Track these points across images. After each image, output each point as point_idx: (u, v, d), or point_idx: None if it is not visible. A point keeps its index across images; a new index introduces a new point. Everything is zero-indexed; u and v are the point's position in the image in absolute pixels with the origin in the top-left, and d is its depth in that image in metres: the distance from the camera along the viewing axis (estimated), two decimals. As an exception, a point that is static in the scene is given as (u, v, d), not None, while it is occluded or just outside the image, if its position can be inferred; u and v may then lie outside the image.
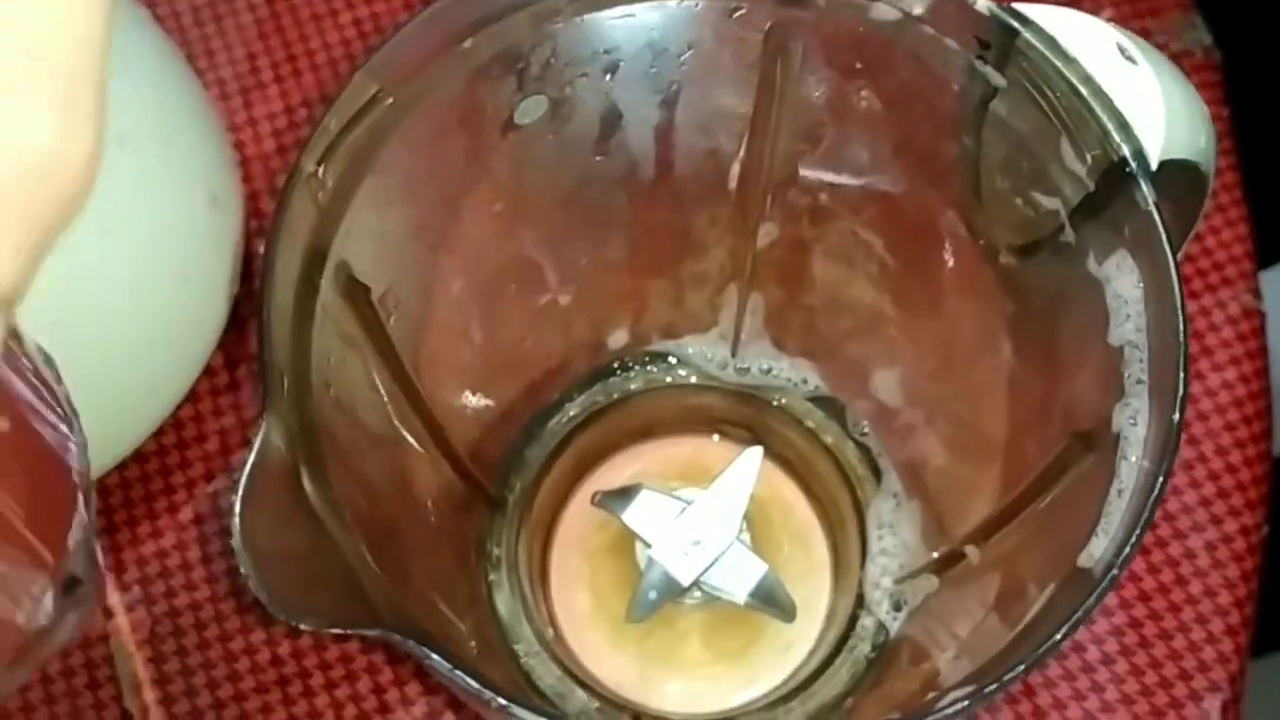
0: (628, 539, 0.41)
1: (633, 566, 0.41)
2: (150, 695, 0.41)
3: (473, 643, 0.36)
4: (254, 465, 0.27)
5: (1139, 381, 0.29)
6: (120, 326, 0.37)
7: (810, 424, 0.43)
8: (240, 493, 0.26)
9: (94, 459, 0.39)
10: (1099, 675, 0.42)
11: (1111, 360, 0.30)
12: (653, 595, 0.39)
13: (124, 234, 0.36)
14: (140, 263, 0.36)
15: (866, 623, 0.41)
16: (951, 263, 0.37)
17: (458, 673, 0.26)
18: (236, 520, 0.26)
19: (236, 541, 0.26)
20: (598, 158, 0.37)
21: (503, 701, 0.26)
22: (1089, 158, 0.30)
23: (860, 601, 0.41)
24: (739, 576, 0.40)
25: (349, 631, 0.26)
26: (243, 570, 0.26)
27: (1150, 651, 0.42)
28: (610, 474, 0.43)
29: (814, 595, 0.42)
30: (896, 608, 0.40)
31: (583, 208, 0.38)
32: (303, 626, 0.26)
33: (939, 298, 0.38)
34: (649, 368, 0.44)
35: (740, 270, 0.41)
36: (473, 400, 0.41)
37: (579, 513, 0.43)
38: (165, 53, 0.39)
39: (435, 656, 0.26)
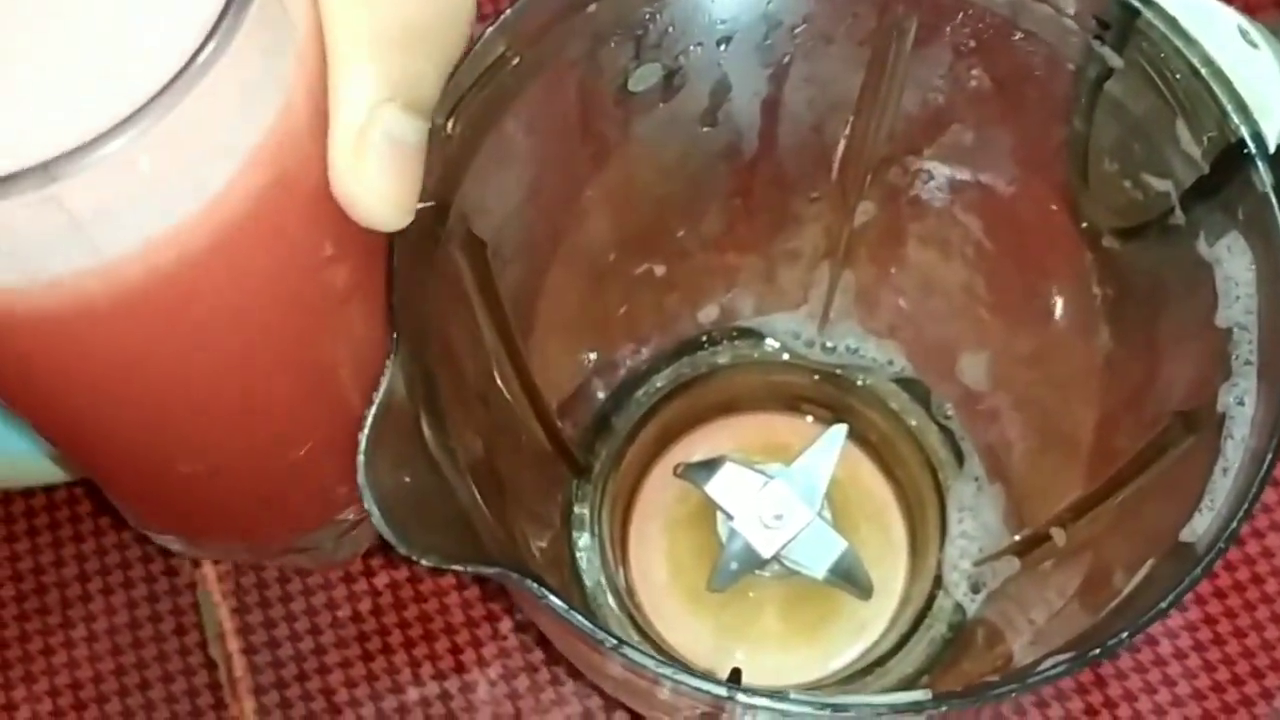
0: (707, 511, 0.41)
1: (711, 538, 0.41)
2: (234, 644, 0.42)
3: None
4: (380, 406, 0.27)
5: (1247, 362, 0.30)
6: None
7: (894, 406, 0.43)
8: (366, 431, 0.27)
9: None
10: (1171, 669, 0.42)
11: (1218, 342, 0.30)
12: (734, 566, 0.40)
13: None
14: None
15: (944, 603, 0.41)
16: (1051, 246, 0.37)
17: (573, 613, 0.26)
18: (362, 458, 0.27)
19: (362, 478, 0.27)
20: (704, 129, 0.37)
21: (614, 642, 0.26)
22: (1205, 139, 0.30)
23: (938, 582, 0.41)
24: (819, 552, 0.40)
25: (467, 569, 0.26)
26: (367, 505, 0.26)
27: (1223, 648, 0.42)
28: (693, 446, 0.44)
29: (890, 576, 0.42)
30: (975, 589, 0.40)
31: (685, 180, 0.39)
32: (424, 562, 0.26)
33: (1036, 281, 0.38)
34: (736, 343, 0.44)
35: (834, 248, 0.41)
36: (567, 364, 0.41)
37: (660, 483, 0.44)
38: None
39: (551, 596, 0.26)
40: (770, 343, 0.44)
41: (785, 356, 0.44)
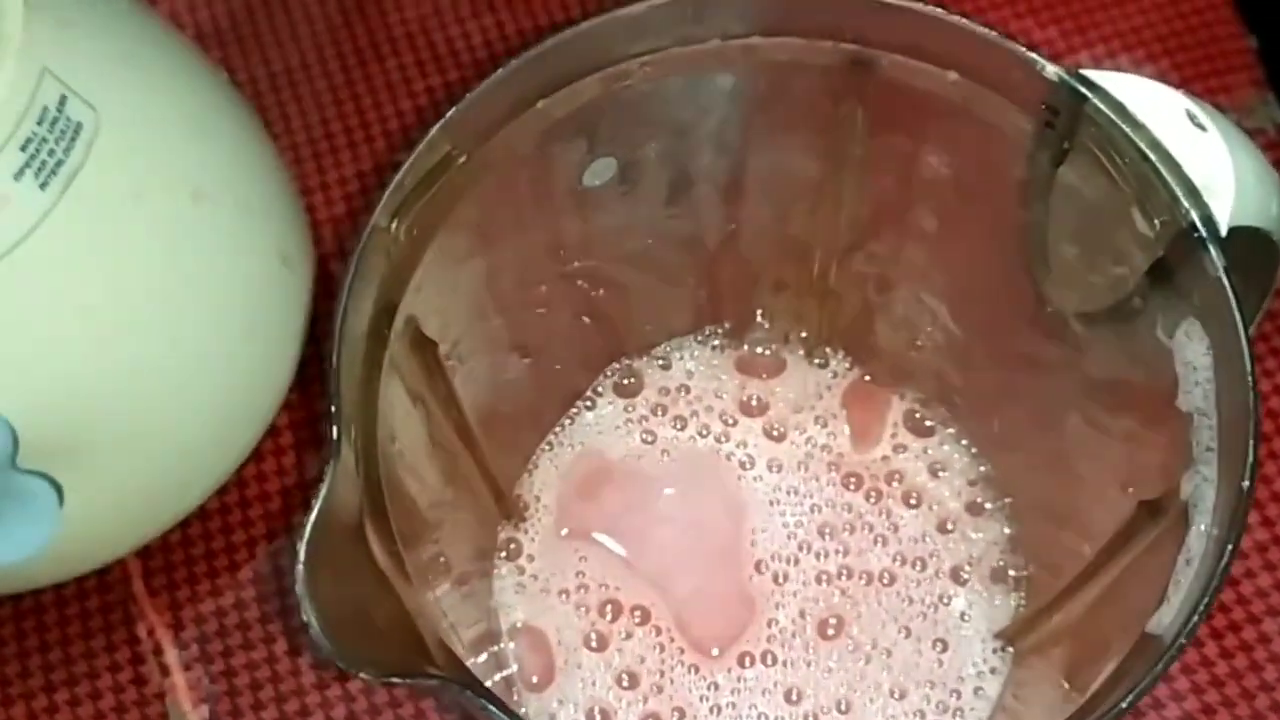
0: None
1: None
2: (205, 754, 0.41)
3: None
4: (319, 514, 0.27)
5: (1208, 449, 0.29)
6: (189, 381, 0.37)
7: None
8: (305, 540, 0.26)
9: (158, 515, 0.40)
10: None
11: (1180, 428, 0.30)
12: None
13: (199, 288, 0.36)
14: (212, 317, 0.37)
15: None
16: (1018, 331, 0.36)
17: (515, 725, 0.26)
18: (301, 568, 0.26)
19: (300, 589, 0.26)
20: (665, 221, 0.37)
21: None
22: (1158, 224, 0.30)
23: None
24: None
25: (406, 681, 0.26)
26: (305, 617, 0.26)
27: (1222, 741, 0.41)
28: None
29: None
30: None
31: (649, 272, 0.39)
32: (362, 676, 0.26)
33: (1005, 364, 0.38)
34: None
35: (805, 340, 0.41)
36: (533, 466, 0.41)
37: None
38: (241, 115, 0.40)
39: (492, 707, 0.26)
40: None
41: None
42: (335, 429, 0.28)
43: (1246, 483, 0.27)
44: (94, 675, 0.42)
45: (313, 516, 0.27)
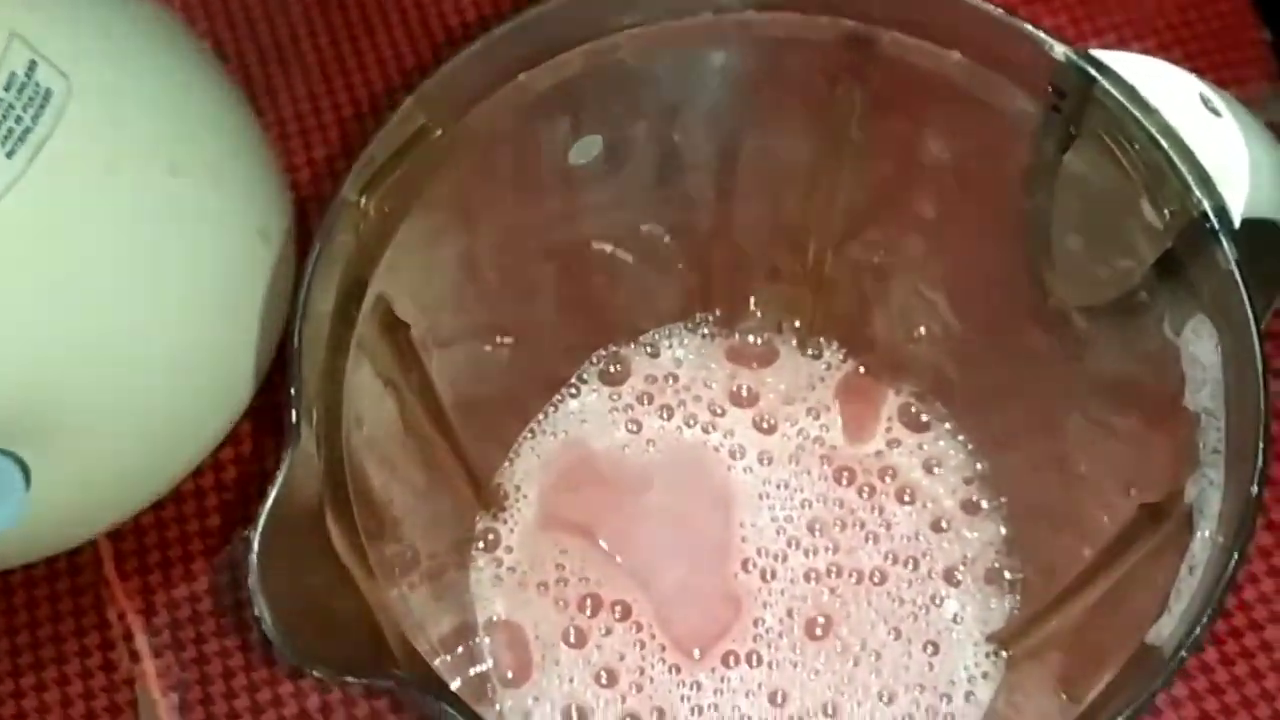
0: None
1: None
2: (174, 744, 0.40)
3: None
4: (275, 502, 0.26)
5: (1215, 451, 0.28)
6: (162, 359, 0.36)
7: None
8: (259, 530, 0.25)
9: (130, 496, 0.39)
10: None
11: (1186, 429, 0.28)
12: None
13: (173, 262, 0.35)
14: (187, 292, 0.36)
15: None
16: (1018, 324, 0.35)
17: (476, 728, 0.24)
18: (254, 558, 0.25)
19: (253, 581, 0.25)
20: (654, 203, 0.36)
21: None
22: (1168, 214, 0.29)
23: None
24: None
25: (362, 680, 0.25)
26: (257, 611, 0.25)
27: (1221, 749, 0.40)
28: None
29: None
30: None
31: (637, 255, 0.37)
32: (315, 673, 0.24)
33: (1005, 359, 0.37)
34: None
35: (798, 330, 0.40)
36: (513, 455, 0.39)
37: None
38: (224, 87, 0.39)
39: (450, 710, 0.24)
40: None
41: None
42: (294, 413, 0.26)
43: (1255, 489, 0.26)
44: (62, 660, 0.41)
45: (268, 505, 0.26)
